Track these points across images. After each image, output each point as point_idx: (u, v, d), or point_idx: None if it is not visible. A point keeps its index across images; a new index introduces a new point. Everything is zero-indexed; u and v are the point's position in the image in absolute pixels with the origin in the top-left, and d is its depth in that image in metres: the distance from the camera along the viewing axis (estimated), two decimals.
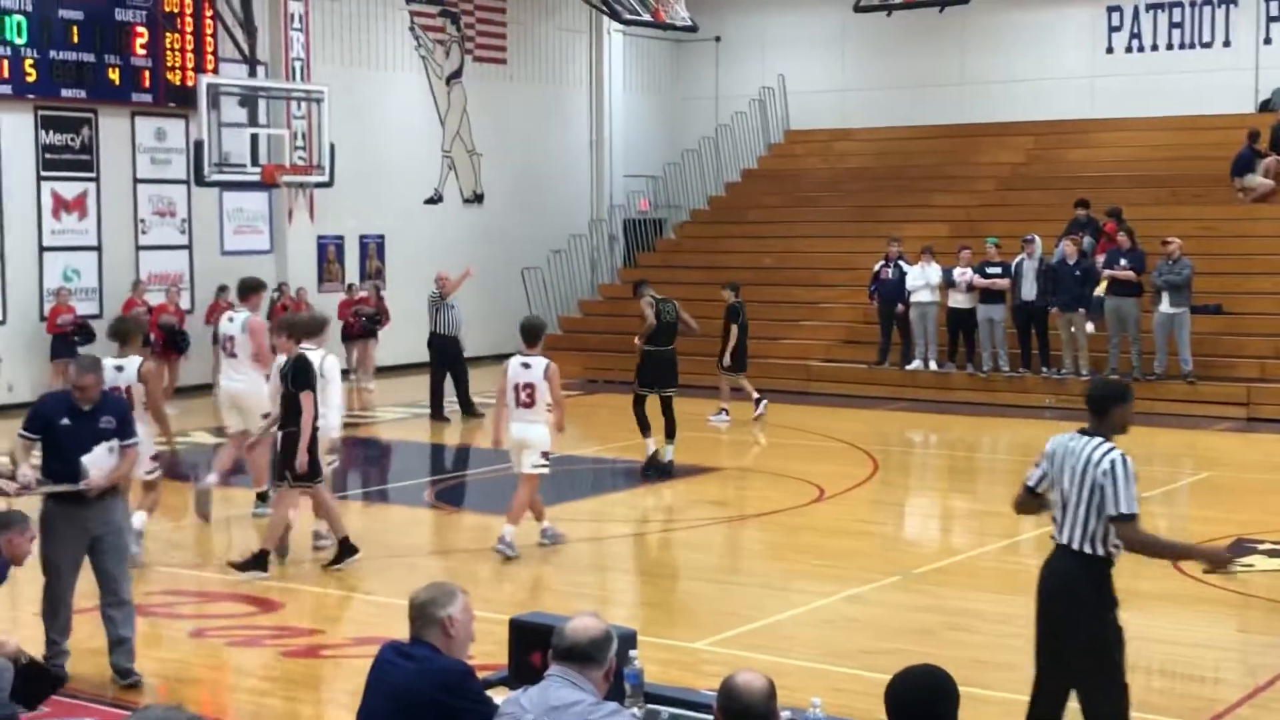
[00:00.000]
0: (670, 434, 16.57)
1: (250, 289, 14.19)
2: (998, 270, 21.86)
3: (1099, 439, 7.24)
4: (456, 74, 27.85)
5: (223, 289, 23.30)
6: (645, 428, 16.62)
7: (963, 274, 22.04)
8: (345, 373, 23.84)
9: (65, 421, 9.01)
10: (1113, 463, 7.09)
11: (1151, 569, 12.43)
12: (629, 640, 6.02)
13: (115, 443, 9.10)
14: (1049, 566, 7.19)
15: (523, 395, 12.45)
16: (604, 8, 25.31)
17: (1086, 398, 7.51)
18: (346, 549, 12.38)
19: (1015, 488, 7.74)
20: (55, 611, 9.17)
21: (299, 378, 11.83)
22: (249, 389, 13.67)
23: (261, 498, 14.02)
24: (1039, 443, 20.17)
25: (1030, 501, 7.48)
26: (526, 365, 12.47)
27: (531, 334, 12.66)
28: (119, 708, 8.64)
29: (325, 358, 12.43)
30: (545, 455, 12.59)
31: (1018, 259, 21.74)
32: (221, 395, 14.41)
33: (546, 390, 12.40)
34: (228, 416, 14.33)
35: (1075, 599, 7.03)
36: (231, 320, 14.13)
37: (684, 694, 6.24)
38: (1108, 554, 7.04)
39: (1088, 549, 7.02)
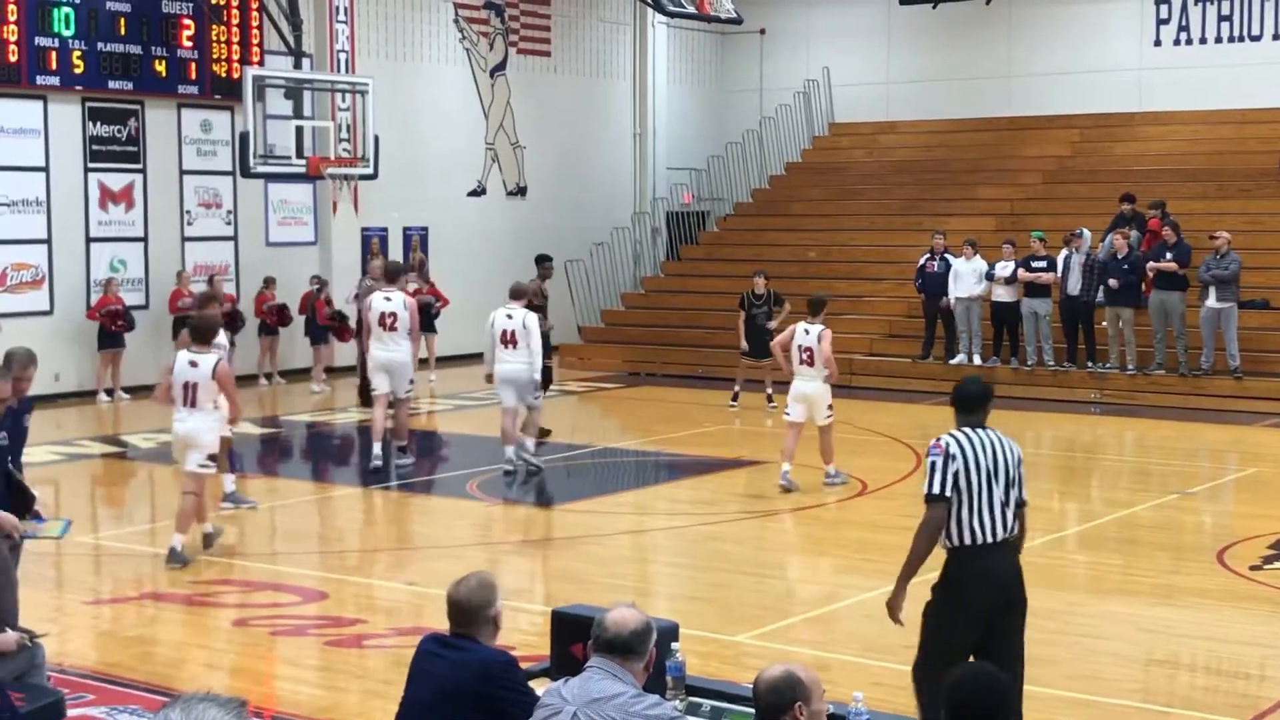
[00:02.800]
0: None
1: (399, 272, 17.07)
2: (1043, 264, 21.75)
3: (996, 432, 7.24)
4: (500, 66, 27.89)
5: (269, 282, 23.43)
6: None
7: (1004, 268, 21.95)
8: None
9: None
10: (1020, 453, 7.24)
11: (1193, 565, 12.41)
12: (671, 633, 6.02)
13: None
14: (996, 562, 7.09)
15: (803, 356, 14.92)
16: (648, 0, 25.28)
17: (975, 396, 7.34)
18: None
19: (1050, 482, 7.61)
20: None
21: None
22: (402, 358, 16.09)
23: (401, 450, 16.40)
24: (1083, 437, 20.21)
25: (945, 514, 7.09)
26: (808, 331, 14.89)
27: (815, 307, 15.11)
28: (161, 694, 8.69)
29: (526, 315, 15.64)
30: (830, 407, 15.01)
31: (1064, 253, 21.62)
32: (374, 363, 16.28)
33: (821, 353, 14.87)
34: (376, 379, 16.29)
35: (1022, 585, 7.20)
36: (389, 300, 16.10)
37: (726, 686, 6.24)
38: None
39: (1011, 534, 7.16)
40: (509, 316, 15.72)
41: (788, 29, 31.00)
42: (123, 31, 22.03)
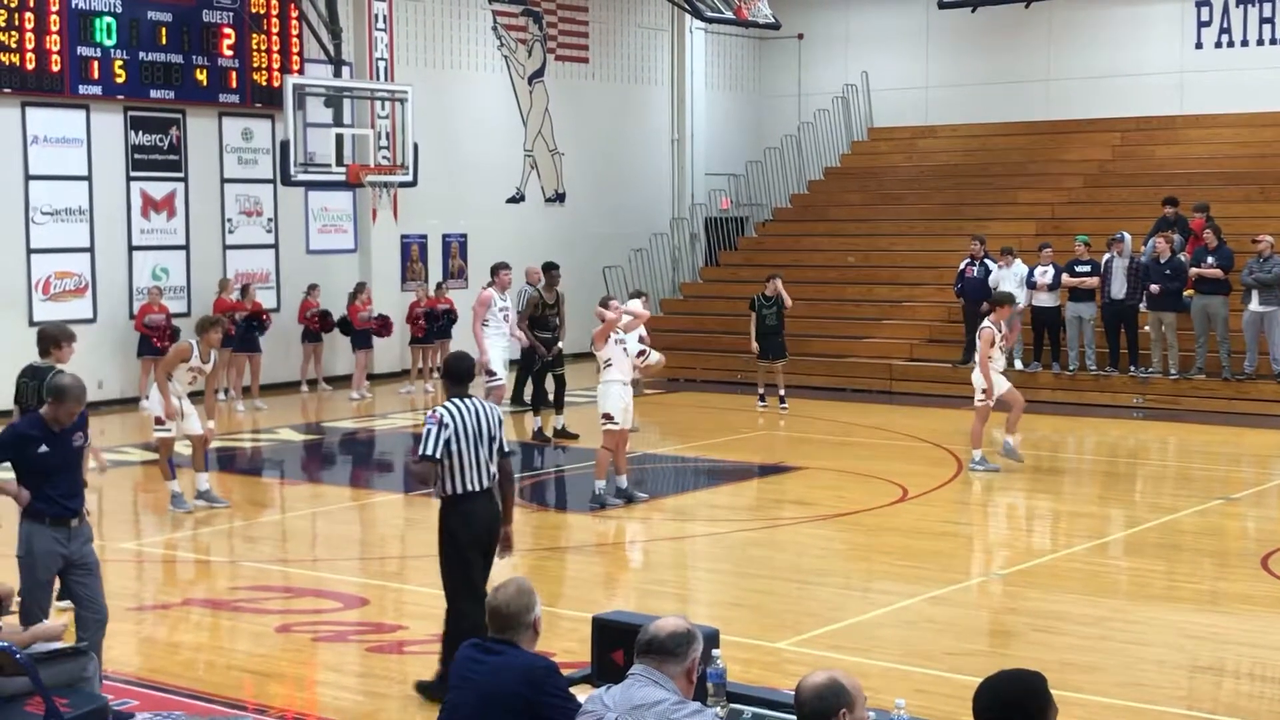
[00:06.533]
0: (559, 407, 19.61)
1: (502, 266, 19.08)
2: (1086, 268, 21.64)
3: (478, 399, 8.77)
4: (539, 73, 27.94)
5: (312, 288, 23.49)
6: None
7: (1044, 273, 21.85)
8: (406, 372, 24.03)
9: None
10: (501, 416, 8.82)
11: (1237, 571, 12.32)
12: (712, 639, 6.01)
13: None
14: (482, 505, 8.67)
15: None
16: (686, 5, 25.28)
17: (465, 372, 8.85)
18: None
19: (1093, 488, 7.59)
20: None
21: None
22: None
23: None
24: (1126, 442, 20.06)
25: (432, 471, 8.59)
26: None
27: (996, 302, 17.19)
28: (205, 700, 8.74)
29: (643, 299, 18.35)
30: (983, 392, 16.50)
31: (1106, 257, 21.51)
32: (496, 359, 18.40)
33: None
34: (501, 372, 18.36)
35: (499, 523, 8.79)
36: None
37: (767, 693, 6.23)
38: None
39: (494, 482, 8.74)
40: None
41: (826, 34, 30.95)
42: (164, 41, 22.17)
